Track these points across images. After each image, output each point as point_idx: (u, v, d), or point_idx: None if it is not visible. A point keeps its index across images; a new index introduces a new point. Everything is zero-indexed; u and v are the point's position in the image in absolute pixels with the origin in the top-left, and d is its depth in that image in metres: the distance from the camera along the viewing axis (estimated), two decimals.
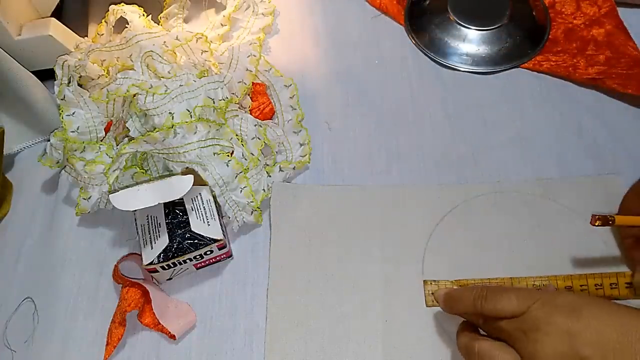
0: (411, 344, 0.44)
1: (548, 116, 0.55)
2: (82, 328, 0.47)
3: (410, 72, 0.60)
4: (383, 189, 0.51)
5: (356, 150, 0.55)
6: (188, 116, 0.47)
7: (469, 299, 0.39)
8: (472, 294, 0.39)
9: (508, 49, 0.59)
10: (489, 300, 0.38)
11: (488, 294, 0.38)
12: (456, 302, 0.41)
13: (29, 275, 0.50)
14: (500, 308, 0.37)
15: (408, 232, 0.49)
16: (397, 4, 0.64)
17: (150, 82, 0.50)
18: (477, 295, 0.39)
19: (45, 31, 0.55)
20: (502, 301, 0.37)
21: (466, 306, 0.40)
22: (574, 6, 0.62)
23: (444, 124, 0.56)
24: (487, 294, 0.38)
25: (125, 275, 0.47)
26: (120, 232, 0.51)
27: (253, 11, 0.63)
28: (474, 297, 0.39)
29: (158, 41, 0.53)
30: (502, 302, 0.37)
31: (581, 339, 0.33)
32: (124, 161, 0.48)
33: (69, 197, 0.53)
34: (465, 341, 0.39)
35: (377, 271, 0.47)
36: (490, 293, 0.39)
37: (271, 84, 0.58)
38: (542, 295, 0.36)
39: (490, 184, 0.51)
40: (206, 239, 0.45)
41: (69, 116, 0.51)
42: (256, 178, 0.50)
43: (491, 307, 0.37)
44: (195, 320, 0.46)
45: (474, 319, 0.40)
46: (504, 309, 0.37)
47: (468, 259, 0.47)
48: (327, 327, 0.45)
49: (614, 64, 0.56)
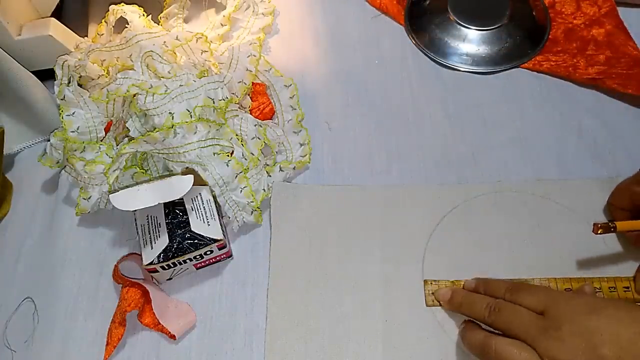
0: (411, 344, 0.44)
1: (548, 116, 0.55)
2: (82, 328, 0.47)
3: (410, 72, 0.60)
4: (383, 189, 0.51)
5: (356, 150, 0.55)
6: (188, 116, 0.47)
7: (482, 300, 0.40)
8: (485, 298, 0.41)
9: (508, 49, 0.59)
10: (514, 296, 0.39)
11: (514, 290, 0.40)
12: (467, 300, 0.42)
13: (29, 275, 0.50)
14: (520, 305, 0.38)
15: (408, 232, 0.49)
16: (397, 4, 0.64)
17: (150, 82, 0.50)
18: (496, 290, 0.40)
19: (45, 31, 0.55)
20: (524, 298, 0.38)
21: (479, 305, 0.40)
22: (574, 6, 0.62)
23: (444, 124, 0.56)
24: (514, 289, 0.40)
25: (125, 275, 0.47)
26: (120, 232, 0.51)
27: (253, 11, 0.63)
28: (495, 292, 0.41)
29: (158, 41, 0.53)
30: (524, 300, 0.38)
31: (600, 339, 0.34)
32: (124, 161, 0.48)
33: (69, 197, 0.53)
34: (479, 339, 0.39)
35: (377, 271, 0.47)
36: (509, 291, 0.40)
37: (271, 84, 0.58)
38: (562, 295, 0.38)
39: (490, 184, 0.51)
40: (206, 239, 0.45)
41: (69, 116, 0.51)
42: (256, 178, 0.50)
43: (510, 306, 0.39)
44: (195, 320, 0.46)
45: (484, 315, 0.40)
46: (525, 306, 0.38)
47: (468, 259, 0.47)
48: (327, 327, 0.45)
49: (614, 64, 0.56)
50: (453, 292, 0.44)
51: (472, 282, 0.44)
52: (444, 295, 0.44)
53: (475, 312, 0.41)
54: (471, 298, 0.42)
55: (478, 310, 0.41)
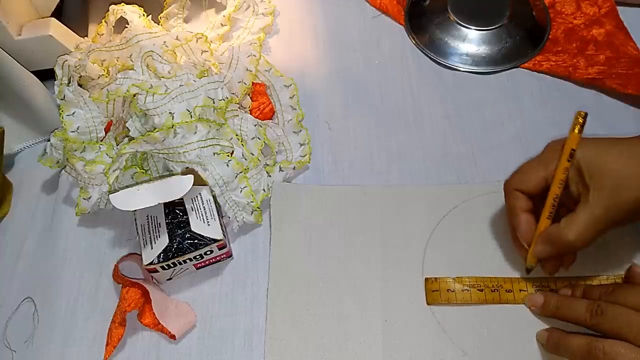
0: (411, 343, 0.44)
1: (548, 116, 0.55)
2: (82, 328, 0.47)
3: (410, 72, 0.60)
4: (383, 189, 0.51)
5: (356, 150, 0.55)
6: (188, 116, 0.47)
7: (581, 303, 0.40)
8: (586, 301, 0.40)
9: (508, 49, 0.59)
10: (614, 297, 0.39)
11: (614, 291, 0.40)
12: (564, 304, 0.42)
13: (29, 275, 0.50)
14: (631, 304, 0.38)
15: (408, 232, 0.49)
16: (397, 4, 0.64)
17: (150, 82, 0.50)
18: (600, 293, 0.40)
19: (45, 31, 0.55)
20: (627, 298, 0.38)
21: (579, 308, 0.40)
22: (574, 6, 0.62)
23: (444, 124, 0.56)
24: (614, 291, 0.40)
25: (125, 275, 0.47)
26: (120, 232, 0.51)
27: (253, 11, 0.63)
28: (598, 295, 0.40)
29: (158, 41, 0.53)
30: (627, 300, 0.38)
31: None
32: (124, 161, 0.48)
33: (69, 197, 0.53)
34: (583, 343, 0.38)
35: (377, 271, 0.47)
36: (608, 293, 0.40)
37: (271, 84, 0.58)
38: None
39: (490, 184, 0.51)
40: (206, 239, 0.45)
41: (69, 116, 0.51)
42: (256, 178, 0.50)
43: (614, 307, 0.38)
44: (195, 320, 0.46)
45: (585, 319, 0.39)
46: (629, 305, 0.38)
47: (468, 259, 0.47)
48: (327, 327, 0.45)
49: (614, 64, 0.56)
50: (546, 297, 0.43)
51: (565, 290, 0.44)
52: (535, 300, 0.43)
53: (575, 315, 0.40)
54: (568, 302, 0.41)
55: (578, 313, 0.40)
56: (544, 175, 0.43)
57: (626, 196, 0.39)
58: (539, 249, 0.42)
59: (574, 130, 0.42)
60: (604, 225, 0.40)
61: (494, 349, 0.43)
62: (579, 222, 0.40)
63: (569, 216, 0.41)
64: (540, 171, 0.43)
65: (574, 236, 0.40)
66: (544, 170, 0.43)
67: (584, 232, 0.40)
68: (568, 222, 0.40)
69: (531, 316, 0.44)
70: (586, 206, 0.40)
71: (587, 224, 0.40)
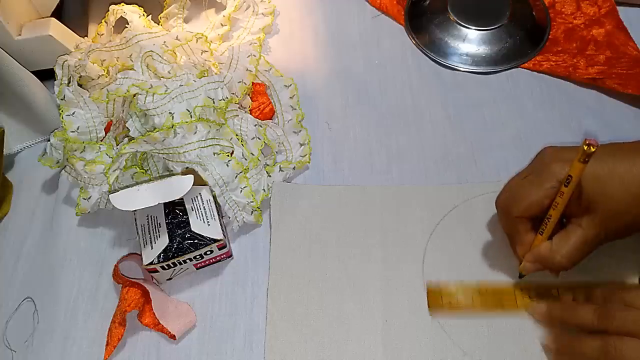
0: (411, 344, 0.44)
1: (548, 116, 0.55)
2: (82, 328, 0.47)
3: (410, 72, 0.60)
4: (383, 189, 0.51)
5: (356, 150, 0.55)
6: (188, 116, 0.47)
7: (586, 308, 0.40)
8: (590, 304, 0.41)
9: (508, 49, 0.59)
10: (619, 298, 0.39)
11: (618, 292, 0.40)
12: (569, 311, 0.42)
13: (29, 275, 0.50)
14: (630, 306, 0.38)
15: (408, 232, 0.49)
16: (397, 4, 0.64)
17: (150, 82, 0.50)
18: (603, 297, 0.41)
19: (45, 31, 0.55)
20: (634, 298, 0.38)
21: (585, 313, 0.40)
22: (574, 6, 0.62)
23: (444, 124, 0.56)
24: (617, 292, 0.40)
25: (125, 275, 0.47)
26: (120, 232, 0.51)
27: (253, 11, 0.63)
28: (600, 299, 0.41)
29: (158, 41, 0.53)
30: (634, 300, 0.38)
31: None
32: (124, 161, 0.48)
33: (69, 197, 0.53)
34: (596, 344, 0.38)
35: (377, 271, 0.47)
36: (609, 296, 0.40)
37: (271, 84, 0.58)
38: None
39: (490, 183, 0.51)
40: (206, 239, 0.45)
41: (69, 116, 0.51)
42: (256, 178, 0.50)
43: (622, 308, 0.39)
44: (195, 320, 0.46)
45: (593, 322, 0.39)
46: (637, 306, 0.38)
47: (468, 259, 0.47)
48: (327, 327, 0.45)
49: (614, 64, 0.56)
50: (549, 306, 0.43)
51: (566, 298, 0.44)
52: (538, 309, 0.44)
53: (582, 320, 0.40)
54: (572, 308, 0.42)
55: (585, 318, 0.40)
56: (540, 198, 0.41)
57: (622, 220, 0.40)
58: (528, 266, 0.43)
59: (579, 159, 0.37)
60: (594, 247, 0.40)
61: (495, 349, 0.43)
62: (570, 244, 0.40)
63: (560, 236, 0.41)
64: (535, 194, 0.41)
65: (562, 258, 0.40)
66: (540, 190, 0.41)
67: (573, 254, 0.40)
68: (558, 243, 0.41)
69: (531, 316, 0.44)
70: (578, 229, 0.40)
71: (577, 247, 0.40)
